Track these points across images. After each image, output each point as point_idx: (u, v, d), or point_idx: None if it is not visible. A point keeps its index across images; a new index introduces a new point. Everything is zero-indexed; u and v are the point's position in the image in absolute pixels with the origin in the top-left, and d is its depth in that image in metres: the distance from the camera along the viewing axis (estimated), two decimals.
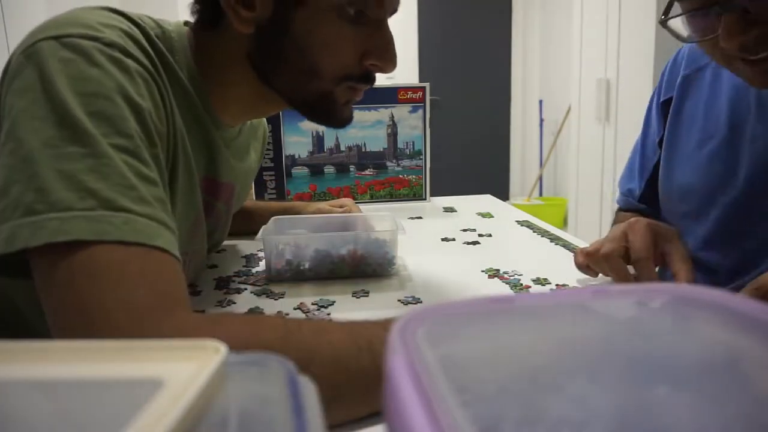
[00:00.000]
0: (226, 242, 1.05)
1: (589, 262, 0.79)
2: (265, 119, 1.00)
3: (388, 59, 0.66)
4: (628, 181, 1.02)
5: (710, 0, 0.62)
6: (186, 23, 0.70)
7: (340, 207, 1.09)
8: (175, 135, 0.62)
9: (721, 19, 0.62)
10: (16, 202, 0.48)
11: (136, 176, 0.52)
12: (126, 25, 0.58)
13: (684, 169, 0.88)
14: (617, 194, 1.07)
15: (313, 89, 0.66)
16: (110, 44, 0.55)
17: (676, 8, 0.67)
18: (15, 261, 0.49)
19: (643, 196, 0.98)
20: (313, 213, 1.06)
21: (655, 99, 0.96)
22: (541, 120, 4.59)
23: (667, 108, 0.92)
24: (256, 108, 0.74)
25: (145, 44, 0.59)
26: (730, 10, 0.61)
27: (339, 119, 0.70)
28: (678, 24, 0.70)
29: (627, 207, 1.02)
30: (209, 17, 0.66)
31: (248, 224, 1.02)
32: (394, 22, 0.66)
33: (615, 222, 0.99)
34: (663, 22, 0.70)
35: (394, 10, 0.66)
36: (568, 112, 3.80)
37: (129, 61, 0.55)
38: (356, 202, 1.35)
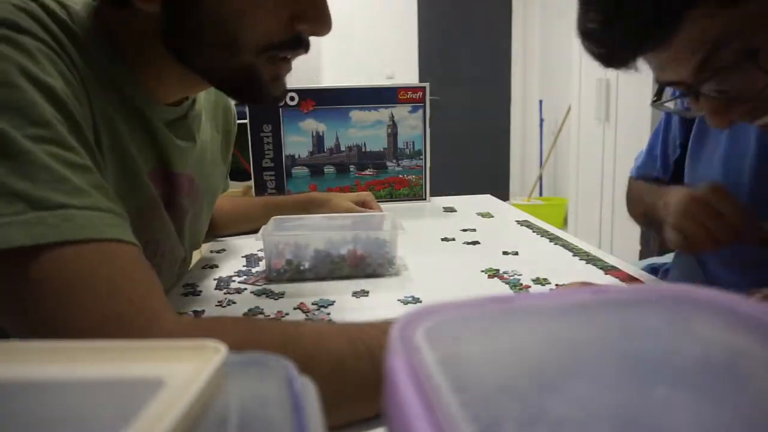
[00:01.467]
0: (226, 242, 1.05)
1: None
2: (232, 104, 0.91)
3: (321, 19, 0.59)
4: (652, 170, 1.02)
5: (687, 87, 0.60)
6: None
7: (363, 204, 1.09)
8: (94, 116, 0.54)
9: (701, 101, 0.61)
10: None
11: (65, 166, 0.46)
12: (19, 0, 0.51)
13: (707, 177, 0.84)
14: (632, 167, 1.08)
15: (233, 65, 0.58)
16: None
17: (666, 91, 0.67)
18: None
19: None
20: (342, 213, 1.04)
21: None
22: (541, 120, 4.59)
23: None
24: (184, 87, 0.66)
25: (46, 19, 0.51)
26: (705, 95, 0.59)
27: (265, 96, 0.62)
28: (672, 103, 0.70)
29: (644, 176, 1.02)
30: None
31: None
32: (394, 22, 0.66)
33: (630, 188, 1.02)
34: (656, 106, 0.68)
35: None
36: (568, 112, 3.80)
37: (25, 38, 0.48)
38: None
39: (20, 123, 0.45)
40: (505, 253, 0.96)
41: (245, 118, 1.29)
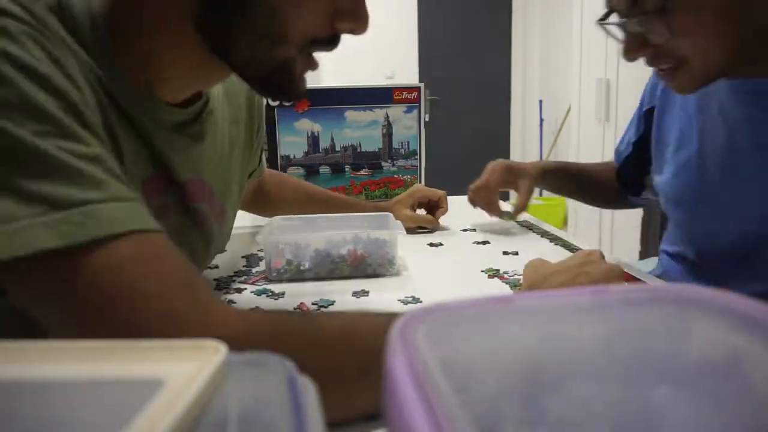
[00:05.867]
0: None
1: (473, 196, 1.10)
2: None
3: (361, 18, 0.58)
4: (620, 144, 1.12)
5: (618, 19, 0.71)
6: None
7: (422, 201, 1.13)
8: (97, 105, 0.50)
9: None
10: None
11: (77, 159, 0.42)
12: None
13: (663, 172, 0.94)
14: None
15: (274, 57, 0.56)
16: None
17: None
18: None
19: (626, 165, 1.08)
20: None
21: (640, 105, 1.04)
22: (541, 120, 4.59)
23: (650, 116, 0.99)
24: (199, 78, 0.61)
25: (29, 2, 0.46)
26: (626, 30, 0.71)
27: (295, 92, 0.60)
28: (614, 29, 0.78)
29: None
30: None
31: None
32: (394, 22, 0.66)
33: None
34: (601, 25, 0.77)
35: None
36: (568, 112, 3.80)
37: (5, 20, 0.43)
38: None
39: (20, 119, 0.41)
40: (505, 253, 0.96)
41: None
